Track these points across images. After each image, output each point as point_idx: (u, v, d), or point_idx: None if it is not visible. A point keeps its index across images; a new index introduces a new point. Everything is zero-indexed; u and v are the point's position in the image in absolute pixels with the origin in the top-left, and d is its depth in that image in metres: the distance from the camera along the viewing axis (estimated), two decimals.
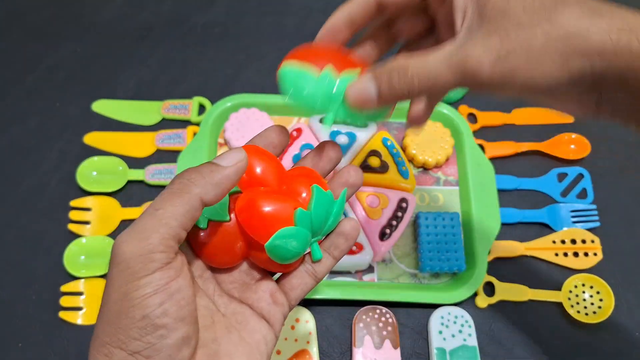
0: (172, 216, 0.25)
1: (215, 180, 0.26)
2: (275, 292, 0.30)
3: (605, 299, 0.50)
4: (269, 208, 0.28)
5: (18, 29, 0.66)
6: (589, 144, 0.59)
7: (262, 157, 0.31)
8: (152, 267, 0.24)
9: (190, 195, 0.26)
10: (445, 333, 0.48)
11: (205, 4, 0.69)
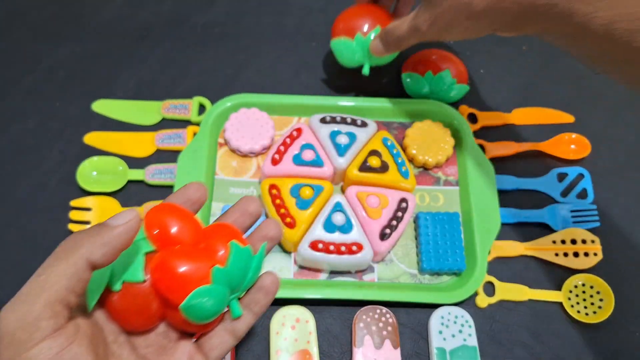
0: (56, 281, 0.24)
1: (103, 240, 0.25)
2: (194, 355, 0.29)
3: (605, 299, 0.50)
4: (183, 267, 0.28)
5: (18, 29, 0.66)
6: (589, 144, 0.59)
7: (178, 215, 0.30)
8: (39, 336, 0.23)
9: (75, 257, 0.25)
10: (445, 333, 0.48)
11: (205, 4, 0.69)
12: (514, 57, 0.66)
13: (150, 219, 0.30)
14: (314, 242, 0.48)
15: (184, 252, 0.29)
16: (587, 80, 0.64)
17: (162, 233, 0.29)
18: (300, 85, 0.63)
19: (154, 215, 0.30)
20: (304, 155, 0.52)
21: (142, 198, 0.55)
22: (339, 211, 0.50)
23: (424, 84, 0.61)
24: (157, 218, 0.30)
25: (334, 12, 0.69)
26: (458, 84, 0.61)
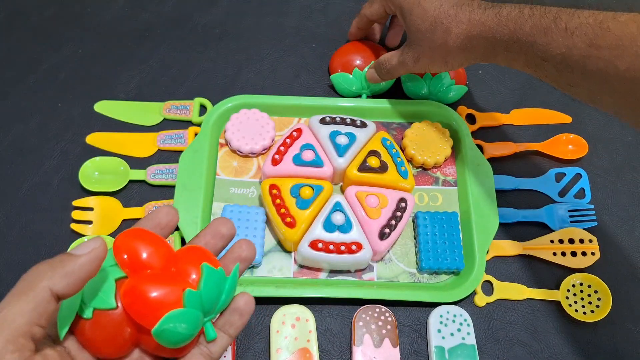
0: (17, 315, 0.24)
1: (66, 270, 0.25)
2: None
3: (603, 297, 0.51)
4: (155, 292, 0.27)
5: (20, 30, 0.67)
6: (586, 144, 0.59)
7: (148, 240, 0.30)
8: None
9: (38, 289, 0.24)
10: (444, 332, 0.48)
11: (206, 5, 0.69)
12: None
13: (120, 244, 0.29)
14: (313, 241, 0.49)
15: (155, 277, 0.28)
16: None
17: (132, 258, 0.29)
18: (300, 86, 0.63)
19: (123, 241, 0.29)
20: (304, 155, 0.53)
21: (143, 198, 0.55)
22: (339, 211, 0.50)
23: (423, 84, 0.61)
24: (126, 243, 0.29)
25: (333, 13, 0.70)
26: (456, 85, 0.61)
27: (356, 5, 0.70)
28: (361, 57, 0.62)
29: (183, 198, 0.52)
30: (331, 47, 0.66)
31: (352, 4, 0.70)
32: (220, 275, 0.30)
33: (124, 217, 0.54)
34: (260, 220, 0.51)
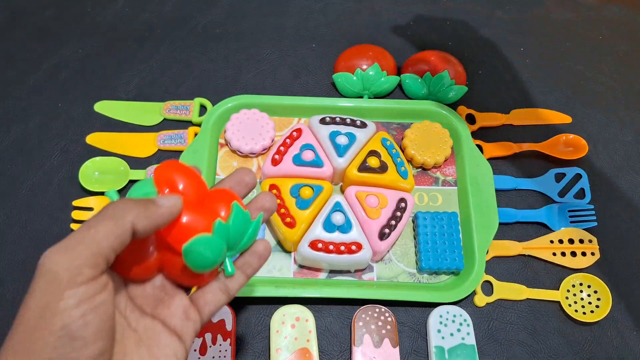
0: (104, 237, 0.25)
1: (149, 214, 0.28)
2: (189, 309, 0.31)
3: (602, 297, 0.51)
4: (189, 216, 0.30)
5: (21, 30, 0.67)
6: (586, 145, 0.59)
7: (186, 174, 0.32)
8: (79, 280, 0.24)
9: (124, 221, 0.26)
10: (443, 332, 0.48)
11: (206, 5, 0.70)
12: (512, 59, 0.66)
13: (161, 173, 0.32)
14: (313, 241, 0.49)
15: (190, 204, 0.30)
16: (584, 82, 0.65)
17: (170, 189, 0.31)
18: (300, 86, 0.63)
19: (164, 170, 0.32)
20: (304, 155, 0.53)
21: None
22: (339, 211, 0.50)
23: (423, 85, 0.61)
24: (167, 173, 0.31)
25: (333, 14, 0.70)
26: (456, 85, 0.61)
27: (356, 6, 0.70)
28: (367, 59, 0.62)
29: None
30: (331, 48, 0.66)
31: (352, 4, 0.71)
32: (246, 216, 0.32)
33: None
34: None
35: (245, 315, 0.50)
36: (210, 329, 0.48)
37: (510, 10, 0.71)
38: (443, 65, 0.62)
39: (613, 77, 0.65)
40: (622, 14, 0.71)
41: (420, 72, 0.62)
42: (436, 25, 0.69)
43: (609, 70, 0.66)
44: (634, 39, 0.69)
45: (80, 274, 0.25)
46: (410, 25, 0.69)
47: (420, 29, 0.69)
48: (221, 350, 0.47)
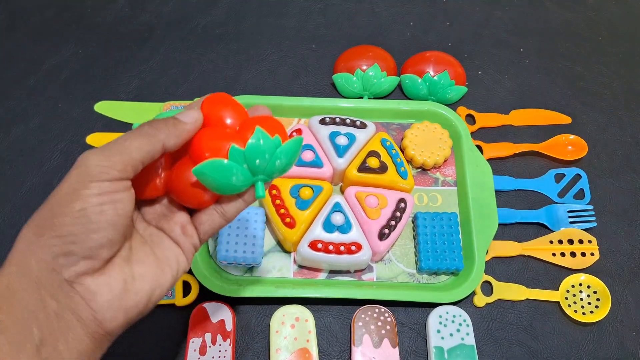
0: (136, 149, 0.29)
1: (177, 132, 0.31)
2: (187, 225, 0.33)
3: (602, 298, 0.51)
4: (210, 139, 0.31)
5: (21, 30, 0.67)
6: (586, 145, 0.59)
7: (229, 105, 0.33)
8: (106, 177, 0.28)
9: (156, 139, 0.30)
10: (443, 332, 0.48)
11: (206, 6, 0.70)
12: (511, 59, 0.66)
13: (206, 102, 0.33)
14: (313, 241, 0.49)
15: (217, 129, 0.32)
16: (584, 82, 0.65)
17: (208, 115, 0.32)
18: (300, 86, 0.63)
19: (210, 100, 0.33)
20: (304, 156, 0.53)
21: None
22: (338, 211, 0.50)
23: (423, 85, 0.61)
24: (211, 102, 0.33)
25: (333, 14, 0.70)
26: (456, 86, 0.61)
27: (355, 6, 0.71)
28: (367, 60, 0.63)
29: None
30: (331, 48, 0.66)
31: (352, 5, 0.71)
32: (271, 141, 0.31)
33: None
34: (260, 221, 0.51)
35: (245, 316, 0.50)
36: (210, 329, 0.48)
37: (510, 10, 0.71)
38: (443, 65, 0.62)
39: (613, 78, 0.65)
40: (622, 14, 0.71)
41: (420, 73, 0.62)
42: (436, 26, 0.69)
43: (609, 70, 0.66)
44: (634, 40, 0.69)
45: (108, 173, 0.28)
46: (410, 25, 0.69)
47: (420, 30, 0.69)
48: (221, 350, 0.47)
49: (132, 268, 0.30)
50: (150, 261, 0.31)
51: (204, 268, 0.49)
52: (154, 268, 0.31)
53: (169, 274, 0.31)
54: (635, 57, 0.67)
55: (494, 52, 0.67)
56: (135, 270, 0.30)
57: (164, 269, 0.31)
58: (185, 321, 0.49)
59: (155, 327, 0.49)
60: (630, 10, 0.72)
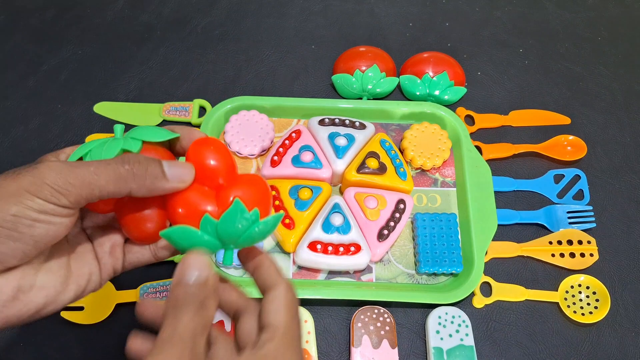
0: (100, 187, 0.27)
1: (153, 187, 0.28)
2: (117, 246, 0.32)
3: (601, 299, 0.51)
4: (185, 202, 0.29)
5: (20, 31, 0.67)
6: (585, 146, 0.59)
7: (220, 153, 0.31)
8: (53, 200, 0.26)
9: (126, 185, 0.27)
10: (442, 333, 0.48)
11: (206, 7, 0.70)
12: (511, 60, 0.66)
13: (193, 152, 0.31)
14: (312, 242, 0.49)
15: (195, 189, 0.30)
16: (583, 83, 0.65)
17: (198, 166, 0.30)
18: (300, 87, 0.63)
19: (198, 150, 0.31)
20: (303, 157, 0.53)
21: None
22: (338, 212, 0.50)
23: (422, 86, 0.61)
24: (199, 153, 0.31)
25: (333, 15, 0.70)
26: (455, 87, 0.61)
27: (356, 7, 0.71)
28: (366, 61, 0.63)
29: None
30: (331, 49, 0.66)
31: (352, 6, 0.71)
32: (248, 217, 0.29)
33: None
34: None
35: None
36: None
37: (510, 11, 0.71)
38: (442, 66, 0.62)
39: (612, 78, 0.65)
40: (622, 15, 0.71)
41: (419, 74, 0.62)
42: (435, 27, 0.69)
43: (608, 71, 0.66)
44: (633, 40, 0.69)
45: (58, 199, 0.26)
46: (409, 26, 0.69)
47: (419, 30, 0.69)
48: None
49: (36, 276, 0.28)
50: (60, 274, 0.29)
51: None
52: (59, 282, 0.29)
53: (72, 291, 0.29)
54: (634, 57, 0.67)
55: (493, 52, 0.67)
56: (37, 279, 0.28)
57: (69, 285, 0.29)
58: None
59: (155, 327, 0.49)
60: (630, 11, 0.72)
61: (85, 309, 0.50)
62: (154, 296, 0.50)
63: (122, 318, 0.50)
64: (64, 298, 0.29)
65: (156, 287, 0.50)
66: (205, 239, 0.29)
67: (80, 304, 0.50)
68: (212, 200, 0.30)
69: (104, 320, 0.49)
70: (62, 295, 0.29)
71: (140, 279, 0.51)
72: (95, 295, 0.50)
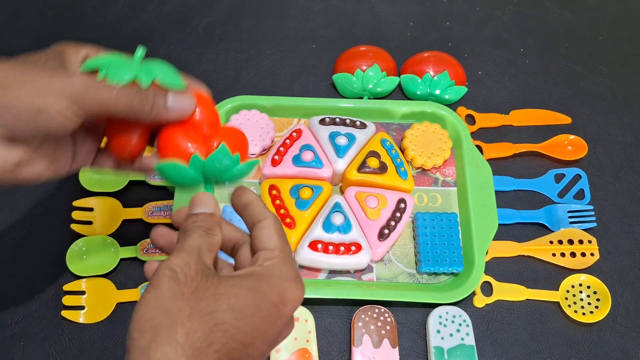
0: (117, 111, 0.32)
1: (157, 118, 0.33)
2: (92, 151, 0.38)
3: (602, 298, 0.51)
4: (180, 139, 0.34)
5: (21, 30, 0.67)
6: (586, 145, 0.59)
7: (208, 109, 0.35)
8: (64, 116, 0.31)
9: (135, 113, 0.32)
10: (443, 332, 0.48)
11: (206, 6, 0.70)
12: (511, 59, 0.66)
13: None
14: (313, 242, 0.49)
15: (189, 130, 0.34)
16: (584, 82, 0.65)
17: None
18: (300, 87, 0.63)
19: (198, 99, 0.36)
20: (304, 156, 0.53)
21: (143, 198, 0.55)
22: (338, 211, 0.50)
23: (423, 85, 0.61)
24: (198, 102, 0.36)
25: (333, 15, 0.70)
26: (456, 86, 0.61)
27: (356, 6, 0.71)
28: (367, 61, 0.62)
29: (183, 199, 0.52)
30: (331, 48, 0.66)
31: (352, 5, 0.71)
32: (231, 160, 0.34)
33: (124, 217, 0.54)
34: None
35: None
36: None
37: (510, 10, 0.71)
38: (443, 65, 0.62)
39: (613, 78, 0.65)
40: (622, 14, 0.71)
41: (420, 73, 0.62)
42: (436, 26, 0.69)
43: (609, 71, 0.66)
44: (634, 40, 0.69)
45: (79, 109, 0.31)
46: (410, 26, 0.69)
47: (420, 30, 0.69)
48: None
49: (32, 155, 0.33)
50: (47, 159, 0.34)
51: None
52: (45, 165, 0.34)
53: (50, 171, 0.34)
54: (635, 57, 0.67)
55: (493, 52, 0.67)
56: (32, 159, 0.33)
57: (49, 168, 0.34)
58: None
59: None
60: (631, 10, 0.72)
61: (86, 308, 0.50)
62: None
63: (122, 317, 0.50)
64: (39, 176, 0.34)
65: None
66: (192, 174, 0.34)
67: (81, 303, 0.50)
68: (200, 144, 0.34)
69: (104, 319, 0.50)
70: (41, 175, 0.34)
71: (141, 278, 0.52)
72: (96, 295, 0.50)
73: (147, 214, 0.54)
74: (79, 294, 0.50)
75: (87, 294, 0.50)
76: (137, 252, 0.52)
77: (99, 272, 0.51)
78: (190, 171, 0.33)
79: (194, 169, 0.33)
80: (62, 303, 0.50)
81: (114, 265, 0.51)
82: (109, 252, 0.52)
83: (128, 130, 0.35)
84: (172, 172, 0.34)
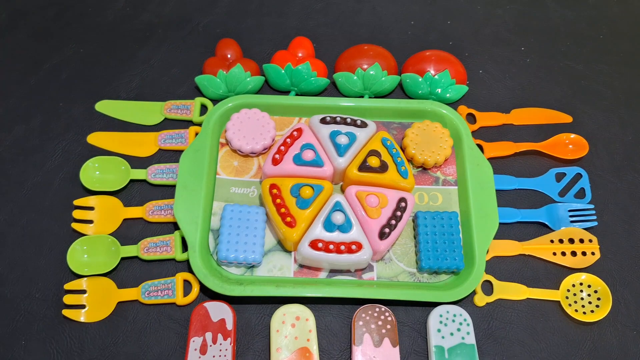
0: None
1: None
2: None
3: (602, 297, 0.51)
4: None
5: (22, 29, 0.67)
6: (587, 144, 0.59)
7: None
8: None
9: None
10: (443, 331, 0.48)
11: (207, 5, 0.70)
12: (512, 58, 0.66)
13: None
14: (313, 241, 0.49)
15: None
16: (585, 81, 0.65)
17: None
18: None
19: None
20: (304, 155, 0.53)
21: (144, 197, 0.55)
22: (339, 210, 0.50)
23: (424, 84, 0.61)
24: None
25: (334, 14, 0.70)
26: (457, 85, 0.61)
27: (357, 5, 0.70)
28: (367, 60, 0.63)
29: (184, 197, 0.52)
30: (331, 48, 0.66)
31: (353, 4, 0.71)
32: (309, 73, 0.51)
33: (125, 216, 0.54)
34: (261, 220, 0.51)
35: (246, 315, 0.50)
36: (210, 328, 0.48)
37: (511, 9, 0.71)
38: (444, 64, 0.62)
39: (614, 77, 0.65)
40: (623, 13, 0.71)
41: (421, 72, 0.62)
42: (437, 25, 0.69)
43: (610, 69, 0.66)
44: (635, 38, 0.69)
45: None
46: (411, 24, 0.69)
47: (421, 29, 0.69)
48: (221, 349, 0.47)
49: None
50: None
51: (204, 267, 0.49)
52: None
53: None
54: (636, 55, 0.67)
55: (494, 50, 0.67)
56: None
57: None
58: (186, 320, 0.49)
59: (155, 326, 0.50)
60: (632, 8, 0.72)
61: (87, 307, 0.50)
62: (156, 294, 0.50)
63: (123, 316, 0.50)
64: None
65: (157, 285, 0.50)
66: (283, 74, 0.53)
67: (82, 302, 0.50)
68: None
69: (105, 318, 0.50)
70: None
71: (142, 277, 0.52)
72: (97, 294, 0.50)
73: (148, 213, 0.54)
74: (80, 293, 0.50)
75: (87, 293, 0.50)
76: (138, 251, 0.52)
77: (100, 271, 0.51)
78: (284, 74, 0.53)
79: (287, 73, 0.52)
80: (63, 302, 0.50)
81: (114, 264, 0.51)
82: (110, 251, 0.52)
83: None
84: (272, 71, 0.53)
